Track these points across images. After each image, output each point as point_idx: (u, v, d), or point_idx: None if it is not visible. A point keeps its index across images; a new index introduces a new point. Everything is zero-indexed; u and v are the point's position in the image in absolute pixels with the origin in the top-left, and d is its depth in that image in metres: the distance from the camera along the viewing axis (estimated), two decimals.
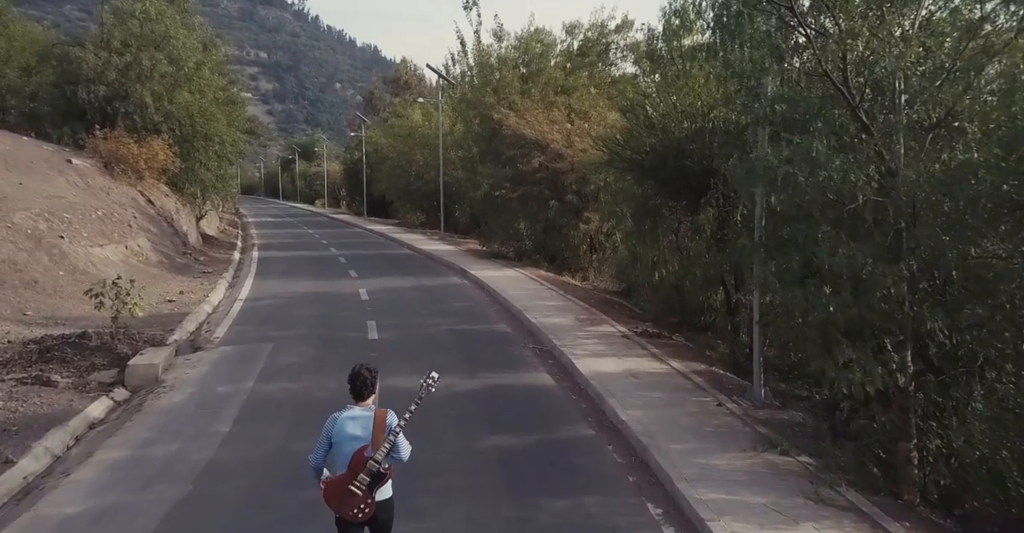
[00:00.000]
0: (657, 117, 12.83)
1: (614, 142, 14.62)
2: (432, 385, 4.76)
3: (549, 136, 23.19)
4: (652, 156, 12.59)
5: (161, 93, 26.75)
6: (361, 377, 4.79)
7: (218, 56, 32.13)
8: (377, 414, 4.68)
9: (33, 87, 25.28)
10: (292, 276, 22.05)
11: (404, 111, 53.90)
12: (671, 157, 12.12)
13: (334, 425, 4.68)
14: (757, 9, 7.06)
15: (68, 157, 23.89)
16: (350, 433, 4.62)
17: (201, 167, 28.19)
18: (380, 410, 4.73)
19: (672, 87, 12.94)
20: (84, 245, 18.15)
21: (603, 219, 21.41)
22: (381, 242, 34.96)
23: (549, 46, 28.03)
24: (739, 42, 7.27)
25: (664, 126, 12.58)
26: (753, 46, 7.22)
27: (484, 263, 24.11)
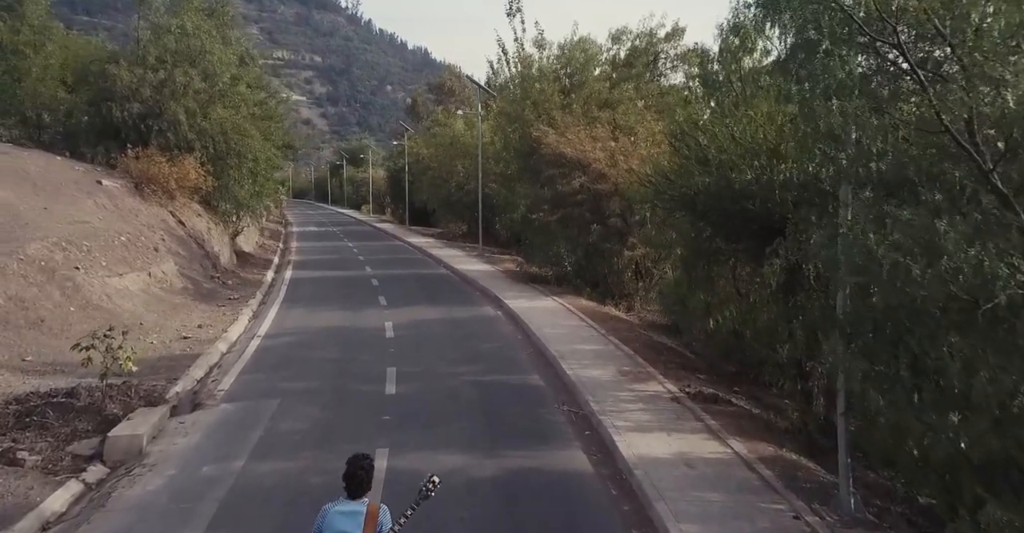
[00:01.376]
0: (713, 152, 11.02)
1: (661, 176, 12.84)
2: (432, 490, 4.45)
3: (591, 155, 21.49)
4: (705, 196, 10.83)
5: (195, 110, 25.95)
6: (357, 478, 4.55)
7: (255, 70, 31.33)
8: (370, 509, 4.45)
9: (68, 105, 24.74)
10: (320, 304, 20.85)
11: (446, 120, 52.79)
12: (728, 199, 10.34)
13: (324, 519, 4.47)
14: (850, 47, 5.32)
15: (99, 178, 23.20)
16: (339, 529, 4.40)
17: (235, 184, 27.33)
18: (373, 505, 4.49)
19: (730, 117, 11.13)
20: (102, 276, 17.21)
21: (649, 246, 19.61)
22: (417, 259, 33.70)
23: (592, 56, 26.33)
24: (823, 87, 5.52)
25: (720, 162, 10.78)
26: (844, 95, 5.47)
27: (521, 289, 22.53)
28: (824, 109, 5.73)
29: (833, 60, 5.34)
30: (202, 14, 30.61)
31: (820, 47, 5.41)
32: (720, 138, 10.97)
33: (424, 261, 32.73)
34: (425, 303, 20.79)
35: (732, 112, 11.15)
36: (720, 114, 11.77)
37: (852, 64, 5.45)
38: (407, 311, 19.46)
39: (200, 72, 26.74)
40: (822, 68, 5.41)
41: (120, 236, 19.94)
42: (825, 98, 5.58)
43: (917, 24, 5.29)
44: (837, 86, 5.36)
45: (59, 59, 27.84)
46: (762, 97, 10.56)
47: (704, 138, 11.46)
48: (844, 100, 5.47)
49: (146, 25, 27.17)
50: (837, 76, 5.32)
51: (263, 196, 32.62)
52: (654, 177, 13.06)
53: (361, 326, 17.54)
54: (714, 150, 10.98)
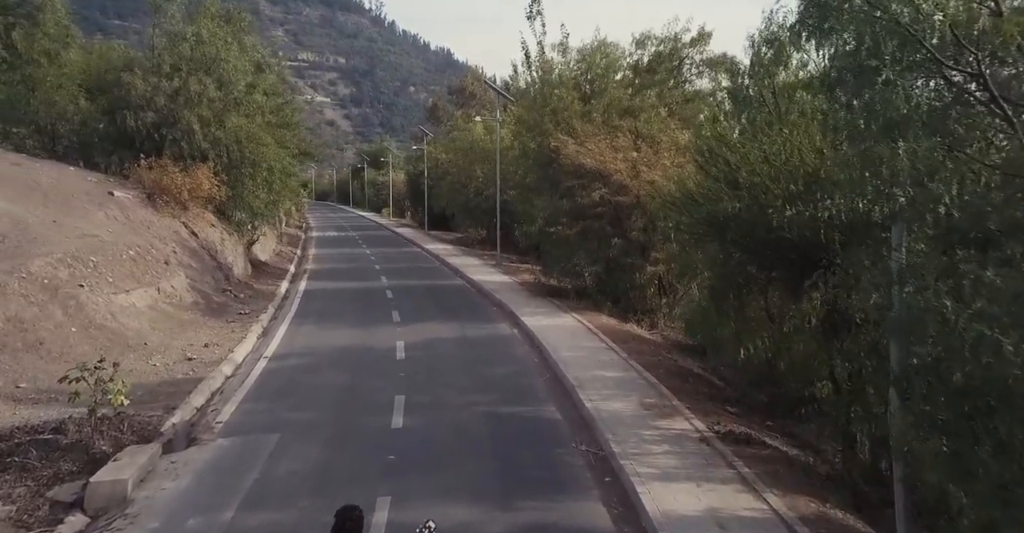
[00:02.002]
0: (744, 174, 10.07)
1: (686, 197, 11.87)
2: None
3: (612, 166, 20.59)
4: (736, 223, 9.89)
5: (209, 118, 25.43)
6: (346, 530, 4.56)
7: (272, 76, 30.82)
8: None
9: (83, 114, 24.36)
10: (332, 319, 20.17)
11: (465, 125, 52.08)
12: (762, 227, 9.40)
13: None
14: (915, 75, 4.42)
15: (111, 189, 22.74)
16: None
17: (250, 194, 26.79)
18: None
19: (762, 135, 10.17)
20: (107, 293, 16.66)
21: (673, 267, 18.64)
22: (434, 268, 32.98)
23: (614, 61, 25.37)
24: (883, 123, 4.62)
25: (752, 185, 9.83)
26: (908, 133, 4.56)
27: (538, 303, 21.68)
28: (887, 151, 4.82)
29: (895, 91, 4.45)
30: (219, 20, 30.24)
31: (879, 76, 4.53)
32: (751, 159, 10.02)
33: (440, 270, 32.01)
34: (439, 319, 20.02)
35: (765, 130, 10.20)
36: (751, 132, 10.81)
37: (918, 96, 4.55)
38: (420, 328, 18.71)
39: (215, 80, 26.25)
40: (881, 101, 4.52)
41: (129, 250, 19.41)
42: (885, 135, 4.68)
43: (1002, 48, 4.38)
44: (901, 121, 4.46)
45: (76, 67, 27.52)
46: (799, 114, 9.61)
47: (734, 157, 10.51)
48: (909, 139, 4.56)
49: (161, 33, 26.71)
50: (900, 110, 4.43)
51: (279, 204, 32.15)
52: (679, 198, 12.08)
53: (372, 346, 16.81)
54: (745, 172, 10.03)
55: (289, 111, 32.87)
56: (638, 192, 20.01)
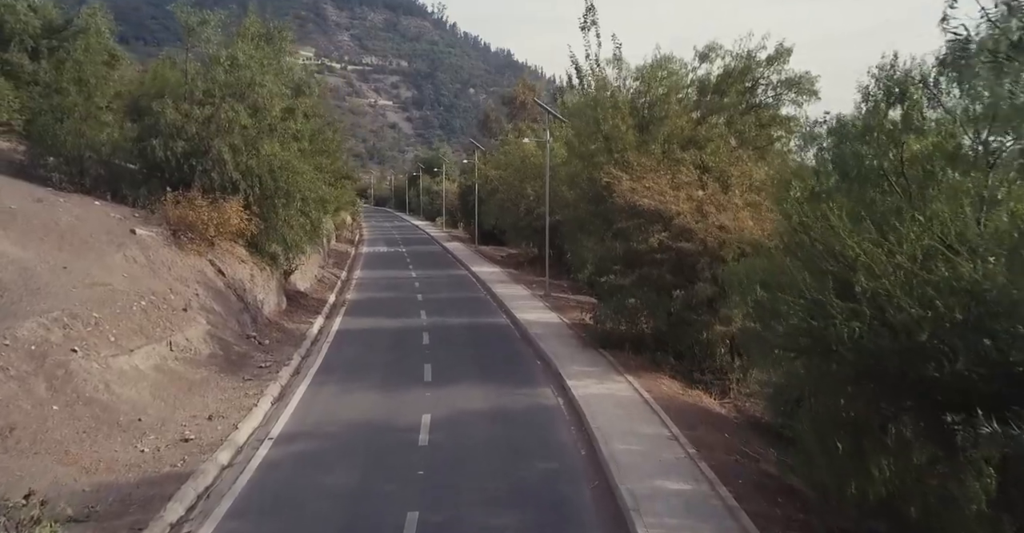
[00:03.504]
0: (863, 280, 7.08)
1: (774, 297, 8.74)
2: None
3: (673, 206, 17.69)
4: (856, 350, 6.98)
5: (240, 147, 23.59)
6: None
7: (309, 100, 28.96)
8: None
9: (110, 146, 22.83)
10: (358, 376, 17.89)
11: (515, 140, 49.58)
12: (894, 356, 6.51)
13: None
14: None
15: (134, 226, 21.05)
16: None
17: (284, 226, 24.87)
18: None
19: (887, 226, 7.20)
20: (105, 356, 14.72)
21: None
22: (479, 300, 30.54)
23: (675, 84, 22.36)
24: None
25: (874, 294, 6.87)
26: None
27: (589, 358, 18.94)
28: None
29: None
30: (259, 40, 28.53)
31: None
32: (875, 259, 7.07)
33: (485, 303, 29.54)
34: (474, 379, 17.50)
35: (890, 220, 7.25)
36: (868, 215, 7.81)
37: None
38: (451, 393, 16.24)
39: (249, 106, 24.43)
40: None
41: (141, 299, 17.55)
42: None
43: None
44: None
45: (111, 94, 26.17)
46: (942, 198, 6.68)
47: (843, 247, 7.55)
48: None
49: (194, 57, 25.04)
50: None
51: (318, 232, 30.28)
52: (765, 298, 8.97)
53: (394, 422, 14.38)
54: (863, 276, 7.08)
55: (330, 133, 30.96)
56: (705, 237, 17.07)
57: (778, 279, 9.00)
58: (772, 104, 21.63)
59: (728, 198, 17.91)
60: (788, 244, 10.37)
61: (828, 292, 7.19)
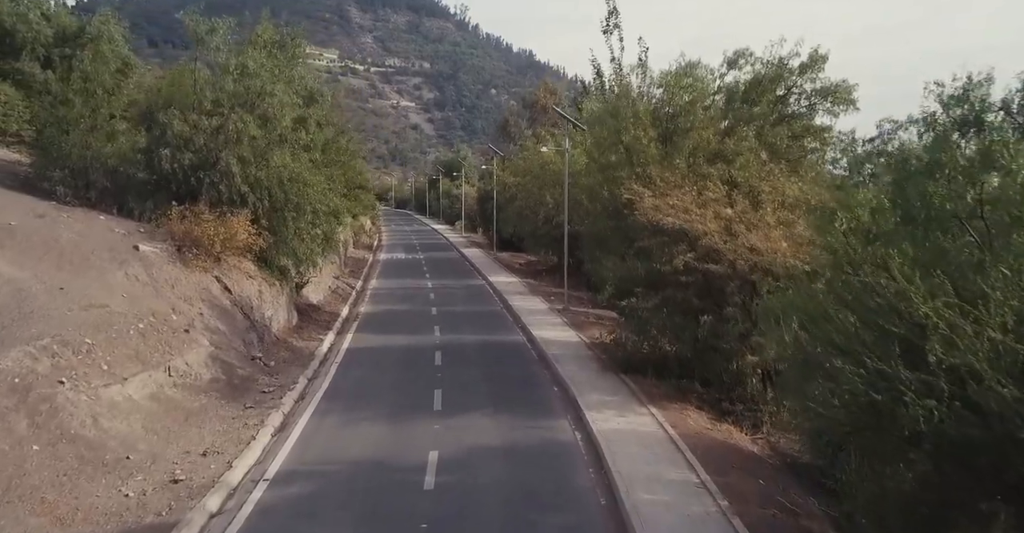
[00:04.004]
0: (938, 349, 5.73)
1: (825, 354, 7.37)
2: None
3: (699, 225, 16.43)
4: (934, 433, 5.72)
5: (249, 159, 22.72)
6: None
7: (321, 110, 28.06)
8: None
9: (116, 159, 22.05)
10: (364, 405, 16.83)
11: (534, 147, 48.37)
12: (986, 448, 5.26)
13: None
14: None
15: (138, 242, 20.24)
16: None
17: (294, 239, 23.94)
18: None
19: (966, 282, 5.89)
20: (96, 386, 13.82)
21: None
22: (495, 314, 29.41)
23: (701, 92, 21.04)
24: None
25: (951, 368, 5.57)
26: None
27: (609, 385, 17.74)
28: None
29: None
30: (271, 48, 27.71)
31: None
32: (954, 326, 5.73)
33: (501, 318, 28.41)
34: (487, 407, 16.39)
35: (969, 276, 5.96)
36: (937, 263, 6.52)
37: None
38: (462, 426, 15.15)
39: (258, 116, 23.57)
40: None
41: (140, 322, 16.67)
42: None
43: None
44: None
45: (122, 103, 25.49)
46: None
47: (911, 307, 6.24)
48: None
49: (203, 65, 24.22)
50: None
51: (330, 243, 29.39)
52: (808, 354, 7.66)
53: (399, 460, 13.30)
54: (939, 344, 5.77)
55: (344, 142, 30.04)
56: (734, 259, 15.79)
57: (826, 330, 7.74)
58: (805, 114, 20.26)
59: (759, 216, 16.62)
60: (834, 285, 9.09)
61: (895, 361, 5.95)
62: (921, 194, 6.76)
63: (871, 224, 7.52)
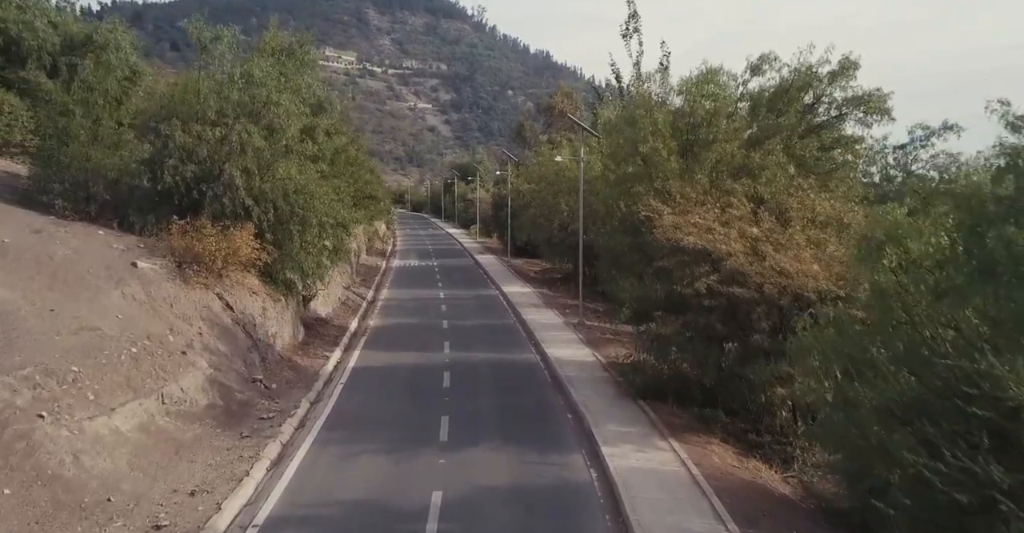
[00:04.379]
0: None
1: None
2: None
3: (723, 246, 15.27)
4: None
5: (253, 171, 21.86)
6: None
7: (329, 119, 27.19)
8: None
9: (117, 171, 21.29)
10: (365, 436, 15.78)
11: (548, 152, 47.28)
12: None
13: None
14: None
15: (137, 258, 19.42)
16: None
17: (300, 252, 23.05)
18: None
19: None
20: (79, 419, 12.94)
21: None
22: (508, 329, 28.36)
23: (723, 101, 19.85)
24: None
25: None
26: None
27: (627, 414, 16.60)
28: None
29: None
30: (279, 55, 26.92)
31: None
32: None
33: (514, 333, 27.35)
34: (496, 439, 15.35)
35: None
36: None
37: None
38: (469, 461, 14.13)
39: (263, 127, 22.74)
40: None
41: (133, 346, 15.82)
42: None
43: None
44: None
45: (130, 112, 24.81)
46: None
47: (995, 383, 5.07)
48: None
49: (207, 75, 23.38)
50: None
51: (340, 256, 28.51)
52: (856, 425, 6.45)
53: (399, 503, 12.27)
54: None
55: (354, 151, 29.14)
56: (762, 283, 14.62)
57: (879, 389, 6.60)
58: (835, 124, 19.01)
59: (788, 235, 15.43)
60: (883, 330, 7.94)
61: (984, 454, 4.80)
62: (1005, 244, 5.59)
63: (938, 277, 6.37)
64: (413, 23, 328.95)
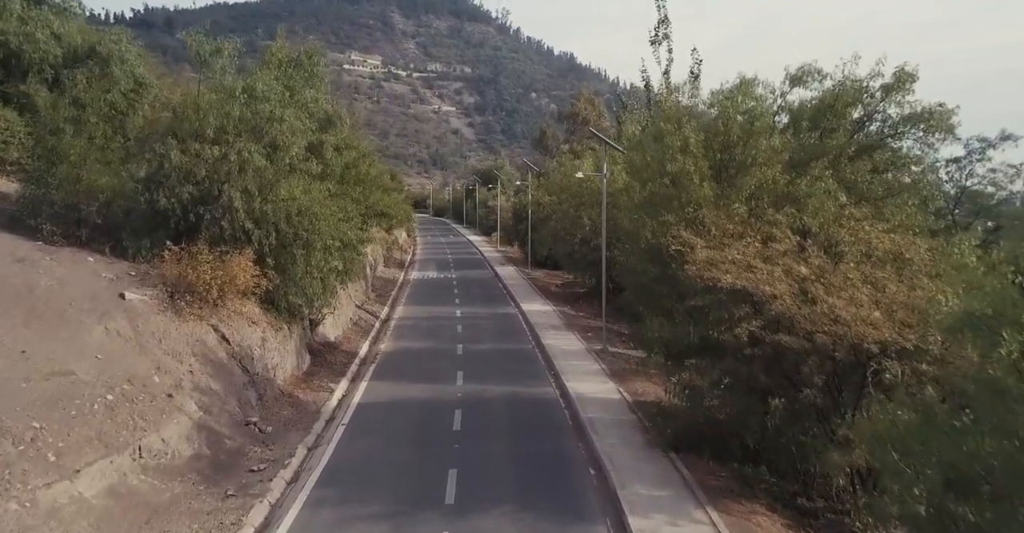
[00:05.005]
0: None
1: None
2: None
3: (767, 287, 13.27)
4: None
5: (253, 192, 20.31)
6: None
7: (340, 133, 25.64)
8: None
9: (109, 192, 19.88)
10: (362, 498, 14.05)
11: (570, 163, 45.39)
12: None
13: None
14: None
15: (126, 288, 17.93)
16: None
17: (304, 277, 21.46)
18: None
19: None
20: (35, 486, 11.37)
21: None
22: (526, 355, 26.52)
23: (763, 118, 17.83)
24: None
25: None
26: None
27: (659, 472, 14.63)
28: None
29: None
30: (285, 67, 25.44)
31: None
32: None
33: (532, 361, 25.47)
34: (508, 504, 13.49)
35: None
36: None
37: None
38: (477, 530, 12.33)
39: (266, 144, 21.23)
40: None
41: (111, 391, 14.28)
42: None
43: None
44: None
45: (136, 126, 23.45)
46: None
47: None
48: None
49: (207, 89, 21.88)
50: None
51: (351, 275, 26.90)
52: None
53: None
54: None
55: (365, 167, 27.55)
56: (812, 330, 12.62)
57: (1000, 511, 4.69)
58: (889, 143, 16.91)
59: (840, 273, 13.39)
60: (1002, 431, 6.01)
61: None
62: None
63: None
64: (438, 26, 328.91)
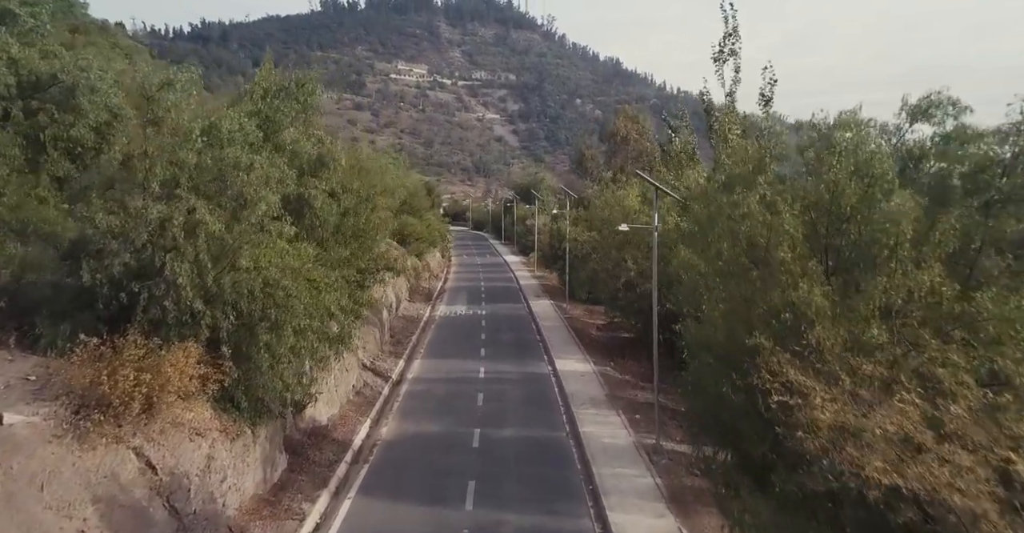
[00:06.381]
0: None
1: None
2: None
3: (956, 496, 7.60)
4: None
5: (206, 263, 15.52)
6: None
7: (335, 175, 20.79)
8: None
9: (17, 265, 15.42)
10: None
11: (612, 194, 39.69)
12: None
13: None
14: None
15: (9, 406, 13.20)
16: None
17: (274, 365, 16.57)
18: None
19: None
20: None
21: None
22: (558, 447, 21.12)
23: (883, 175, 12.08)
24: None
25: None
26: None
27: None
28: None
29: None
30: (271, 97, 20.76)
31: None
32: None
33: (566, 464, 19.99)
34: None
35: None
36: None
37: None
38: None
39: (230, 200, 16.47)
40: None
41: None
42: None
43: None
44: None
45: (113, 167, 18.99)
46: None
47: None
48: None
49: (155, 133, 17.13)
50: None
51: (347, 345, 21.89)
52: None
53: None
54: None
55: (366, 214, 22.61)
56: None
57: None
58: None
59: None
60: None
61: None
62: None
63: None
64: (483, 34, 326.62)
